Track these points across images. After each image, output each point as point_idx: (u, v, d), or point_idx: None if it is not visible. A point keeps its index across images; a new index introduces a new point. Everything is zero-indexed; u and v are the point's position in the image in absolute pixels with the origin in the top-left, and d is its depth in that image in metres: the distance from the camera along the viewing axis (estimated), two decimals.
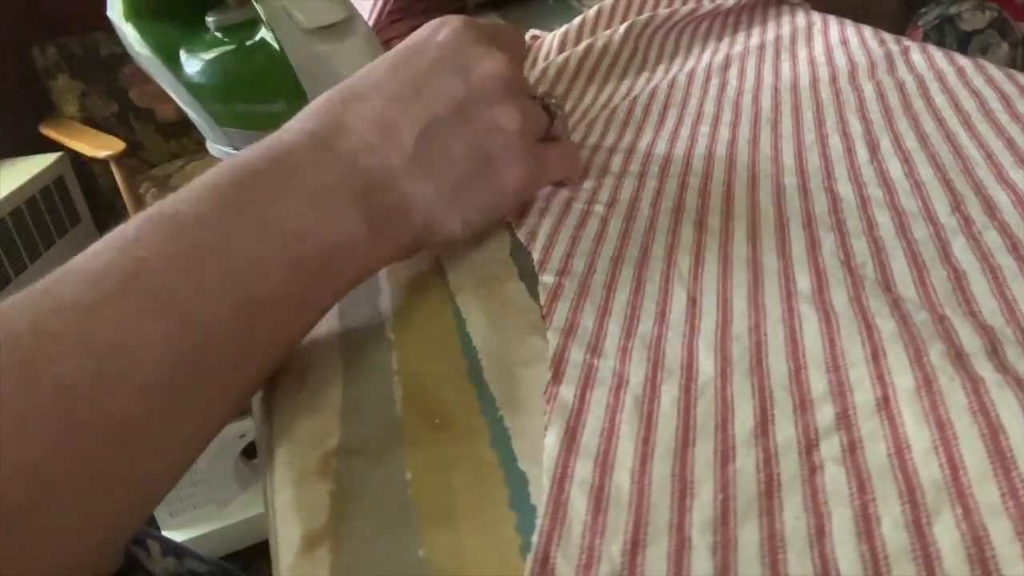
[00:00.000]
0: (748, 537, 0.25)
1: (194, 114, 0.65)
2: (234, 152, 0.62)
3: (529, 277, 0.41)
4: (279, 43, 0.53)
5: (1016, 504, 0.24)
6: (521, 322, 0.38)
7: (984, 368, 0.29)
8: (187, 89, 0.62)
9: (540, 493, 0.28)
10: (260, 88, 0.58)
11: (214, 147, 0.68)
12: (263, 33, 0.55)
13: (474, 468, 0.30)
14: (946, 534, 0.24)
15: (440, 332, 0.38)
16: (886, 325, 0.32)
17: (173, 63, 0.62)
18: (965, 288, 0.34)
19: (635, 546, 0.26)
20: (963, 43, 1.95)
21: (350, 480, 0.30)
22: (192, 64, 0.61)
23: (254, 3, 0.53)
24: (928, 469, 0.26)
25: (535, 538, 0.26)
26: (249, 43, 0.57)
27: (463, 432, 0.32)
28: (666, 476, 0.28)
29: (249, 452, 1.29)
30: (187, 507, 1.27)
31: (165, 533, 1.31)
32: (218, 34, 0.60)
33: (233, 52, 0.59)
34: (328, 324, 0.40)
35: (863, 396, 0.29)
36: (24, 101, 2.11)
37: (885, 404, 0.29)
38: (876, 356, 0.31)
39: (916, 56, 0.62)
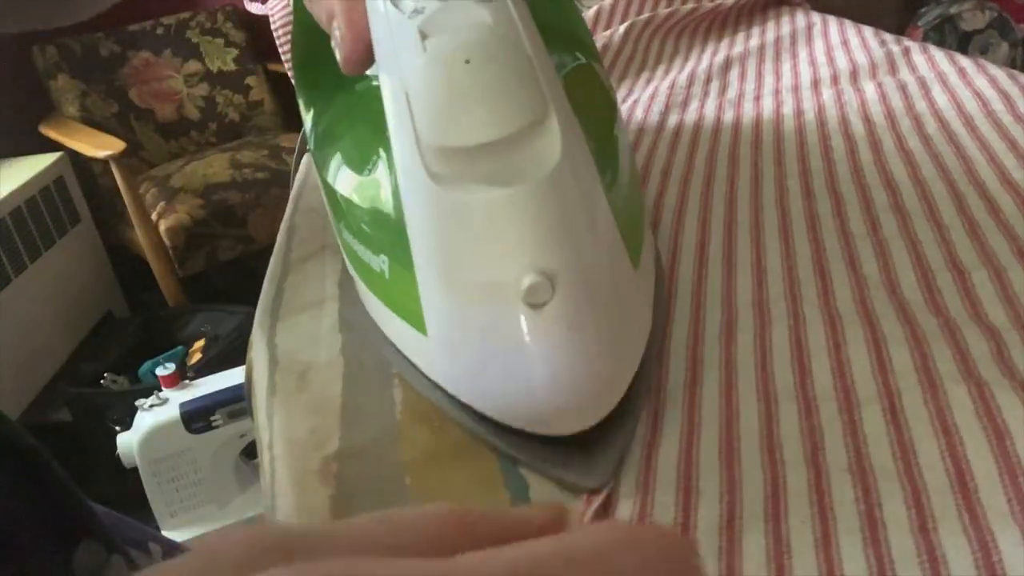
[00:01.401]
0: (753, 541, 0.25)
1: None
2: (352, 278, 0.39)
3: None
4: (390, 161, 0.30)
5: None
6: None
7: (990, 372, 0.28)
8: (317, 169, 0.39)
9: (540, 497, 0.28)
10: (362, 217, 0.34)
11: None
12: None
13: (474, 472, 0.29)
14: (953, 539, 0.24)
15: None
16: (892, 330, 0.32)
17: (311, 124, 0.42)
18: (970, 290, 0.34)
19: None
20: (963, 43, 1.94)
21: (350, 484, 0.30)
22: (318, 141, 0.40)
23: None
24: (934, 474, 0.26)
25: None
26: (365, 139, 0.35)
27: (462, 435, 0.31)
28: (671, 479, 0.28)
29: (249, 452, 1.28)
30: (187, 507, 1.27)
31: (165, 533, 1.30)
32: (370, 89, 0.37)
33: (346, 140, 0.37)
34: (329, 325, 0.40)
35: (869, 400, 0.29)
36: (24, 101, 2.10)
37: (891, 409, 0.28)
38: (882, 361, 0.30)
39: (917, 57, 0.62)
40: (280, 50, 1.26)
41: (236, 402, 1.19)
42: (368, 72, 0.31)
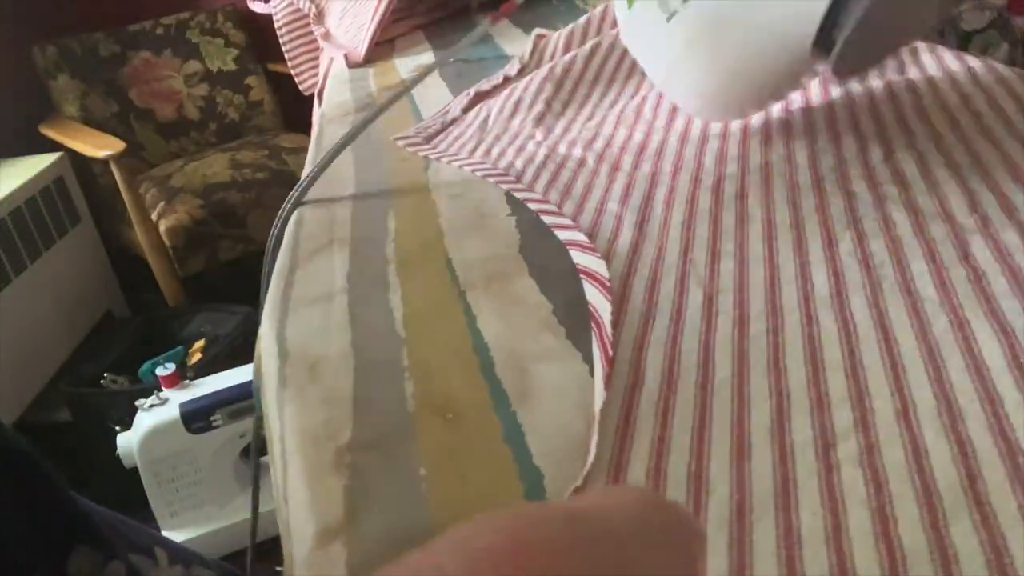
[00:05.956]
0: (764, 534, 0.25)
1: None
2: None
3: (539, 274, 0.41)
4: None
5: None
6: (532, 318, 0.37)
7: (1004, 384, 0.28)
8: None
9: (555, 488, 0.27)
10: None
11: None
12: None
13: (488, 463, 0.29)
14: (964, 538, 0.23)
15: (451, 328, 0.38)
16: (905, 339, 0.32)
17: None
18: (985, 288, 0.34)
19: None
20: (963, 43, 1.94)
21: (364, 475, 0.29)
22: None
23: None
24: (946, 475, 0.26)
25: None
26: None
27: (476, 427, 0.31)
28: (682, 474, 0.28)
29: (249, 452, 1.28)
30: (187, 507, 1.26)
31: (165, 533, 1.30)
32: None
33: None
34: (339, 319, 0.39)
35: (882, 403, 0.29)
36: (24, 101, 2.10)
37: (904, 414, 0.28)
38: (895, 369, 0.30)
39: (925, 56, 0.62)
40: (283, 48, 1.26)
41: (236, 402, 1.19)
42: None
